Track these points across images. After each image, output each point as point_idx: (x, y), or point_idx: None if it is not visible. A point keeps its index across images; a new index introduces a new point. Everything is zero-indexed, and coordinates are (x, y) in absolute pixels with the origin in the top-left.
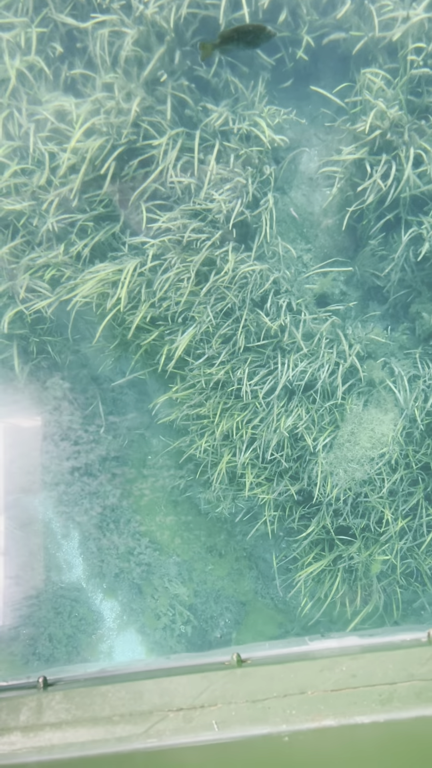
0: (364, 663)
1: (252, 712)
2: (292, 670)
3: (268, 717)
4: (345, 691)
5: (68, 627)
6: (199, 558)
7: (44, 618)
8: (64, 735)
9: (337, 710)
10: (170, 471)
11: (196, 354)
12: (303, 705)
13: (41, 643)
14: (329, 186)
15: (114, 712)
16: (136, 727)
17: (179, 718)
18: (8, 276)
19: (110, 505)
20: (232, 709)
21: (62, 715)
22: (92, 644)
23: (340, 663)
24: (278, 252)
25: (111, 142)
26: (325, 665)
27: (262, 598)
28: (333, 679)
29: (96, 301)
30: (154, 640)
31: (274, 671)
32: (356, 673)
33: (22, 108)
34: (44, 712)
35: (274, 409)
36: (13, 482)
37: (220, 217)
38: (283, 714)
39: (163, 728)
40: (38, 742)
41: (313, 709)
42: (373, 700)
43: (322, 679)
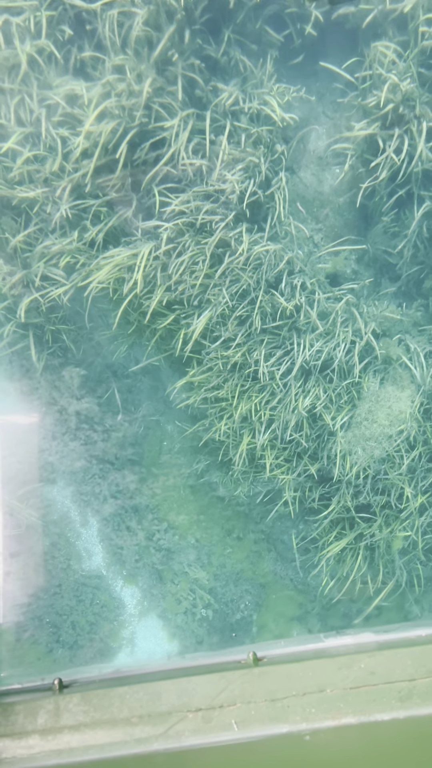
0: (382, 660)
1: (271, 711)
2: (310, 668)
3: (287, 716)
4: (364, 689)
5: (90, 614)
6: (218, 542)
7: (66, 606)
8: (83, 737)
9: (357, 708)
10: (187, 456)
11: (212, 337)
12: (322, 703)
13: (64, 630)
14: (339, 164)
15: (132, 713)
16: (155, 728)
17: (198, 719)
18: (23, 265)
19: (128, 492)
20: (252, 709)
21: (80, 718)
22: (114, 630)
23: (358, 660)
24: (291, 232)
25: (123, 125)
26: (344, 663)
27: (282, 580)
28: (352, 676)
29: (112, 286)
30: (176, 624)
31: (292, 670)
32: (375, 671)
33: (33, 93)
34: (62, 714)
35: (291, 390)
36: (32, 472)
37: (233, 198)
38: (302, 712)
39: (182, 729)
40: (57, 745)
41: (333, 707)
42: (392, 696)
43: (340, 676)
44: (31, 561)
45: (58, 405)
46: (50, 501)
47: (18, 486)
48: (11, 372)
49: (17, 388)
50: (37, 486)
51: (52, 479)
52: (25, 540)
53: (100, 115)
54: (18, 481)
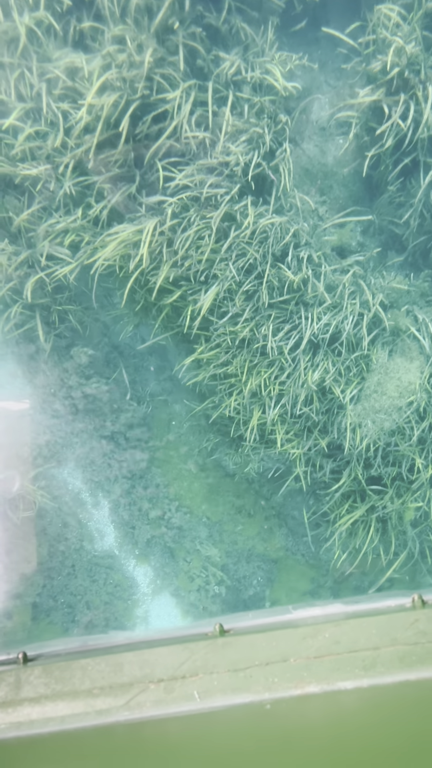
0: (347, 629)
1: (234, 681)
2: (275, 639)
3: (250, 685)
4: (328, 658)
5: (104, 594)
6: (229, 519)
7: (81, 586)
8: (43, 709)
9: (320, 677)
10: (196, 435)
11: (219, 313)
12: (285, 673)
13: (79, 610)
14: (342, 134)
15: (94, 685)
16: (116, 700)
17: (160, 690)
18: (27, 244)
19: (138, 472)
20: (214, 679)
21: (41, 690)
22: (128, 609)
23: (323, 630)
24: (296, 204)
25: (125, 97)
26: (308, 633)
27: (293, 555)
28: (316, 646)
29: (118, 263)
30: (189, 601)
31: (256, 640)
32: (339, 640)
33: (32, 67)
34: (23, 687)
35: (300, 364)
36: (42, 454)
37: (237, 170)
38: (265, 682)
39: (144, 700)
40: (17, 718)
41: (296, 676)
42: (356, 665)
43: (304, 646)
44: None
45: (67, 386)
46: (61, 482)
47: (29, 468)
48: (19, 354)
49: (25, 370)
50: (47, 468)
51: (62, 461)
52: (38, 522)
53: (102, 88)
54: (28, 463)
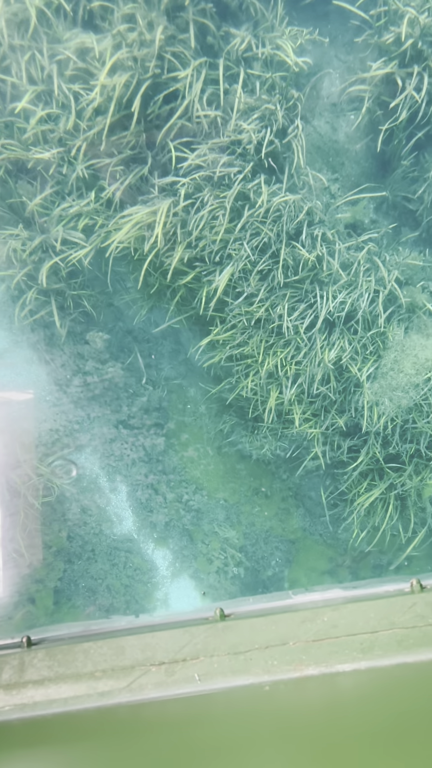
0: (345, 613)
1: (234, 664)
2: (274, 622)
3: (249, 668)
4: (326, 641)
5: (124, 577)
6: (246, 501)
7: (101, 570)
8: (47, 692)
9: (319, 660)
10: (212, 417)
11: (234, 293)
12: (285, 656)
13: (100, 594)
14: (354, 110)
15: (96, 667)
16: (118, 682)
17: (161, 672)
18: (41, 229)
19: (155, 456)
20: (214, 662)
21: (44, 672)
22: (148, 592)
23: (322, 614)
24: (309, 182)
25: (136, 77)
26: (307, 617)
27: (311, 535)
28: (314, 629)
29: (133, 245)
30: (209, 583)
31: (255, 624)
32: (337, 623)
33: (43, 49)
34: (26, 669)
35: (316, 343)
36: (60, 439)
37: (250, 148)
38: (264, 665)
39: (145, 682)
40: (21, 700)
41: (295, 659)
42: (354, 648)
43: (303, 630)
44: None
45: (83, 371)
46: (79, 467)
47: (46, 453)
48: (34, 341)
49: (41, 356)
50: (65, 453)
51: (79, 446)
52: (57, 507)
53: (113, 68)
54: (45, 449)
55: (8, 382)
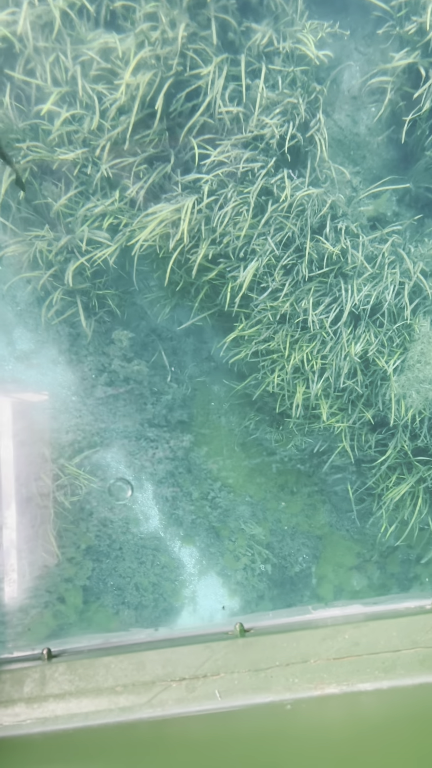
0: (366, 631)
1: (255, 681)
2: (295, 639)
3: (270, 686)
4: (348, 659)
5: (152, 575)
6: (272, 497)
7: (129, 568)
8: (68, 706)
9: (340, 678)
10: (236, 415)
11: (259, 289)
12: (305, 673)
13: (128, 592)
14: (375, 102)
15: (117, 682)
16: (139, 697)
17: (182, 688)
18: (66, 230)
19: (180, 453)
20: (235, 679)
21: (65, 686)
22: (176, 590)
23: (343, 631)
24: (331, 175)
25: (159, 75)
26: (328, 634)
27: (338, 531)
28: (336, 647)
29: (158, 243)
30: (236, 581)
31: (276, 640)
32: (359, 641)
33: (66, 50)
34: (48, 683)
35: (342, 337)
36: (86, 438)
37: (273, 143)
38: (285, 682)
39: (166, 698)
40: (42, 713)
41: (316, 677)
42: (376, 667)
43: (324, 647)
44: (92, 526)
45: (108, 370)
46: (105, 466)
47: (73, 453)
48: (60, 341)
49: (66, 356)
50: (92, 452)
51: (106, 445)
52: (85, 506)
53: (136, 67)
54: (73, 448)
55: (34, 382)
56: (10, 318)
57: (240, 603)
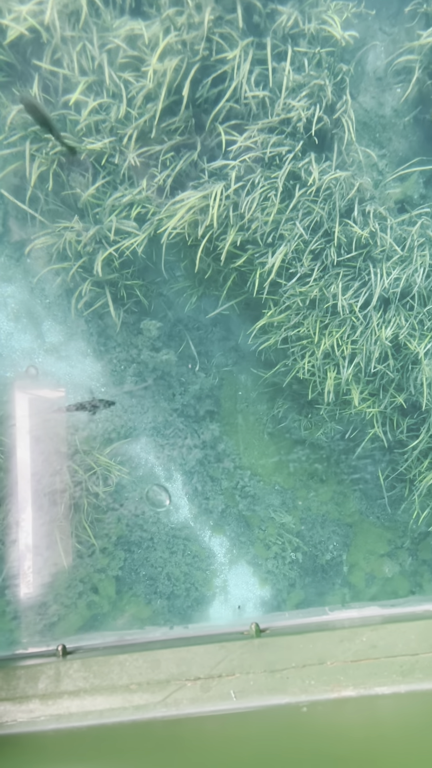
0: (384, 634)
1: (270, 682)
2: (311, 641)
3: (286, 687)
4: (365, 662)
5: (183, 565)
6: (302, 485)
7: (160, 558)
8: (82, 703)
9: (357, 681)
10: (264, 403)
11: (288, 274)
12: (322, 675)
13: (161, 582)
14: (400, 83)
15: (131, 680)
16: (153, 696)
17: (197, 688)
18: (94, 220)
19: (209, 443)
20: (250, 679)
21: (80, 683)
22: (207, 579)
23: (360, 634)
24: (358, 158)
25: (186, 60)
26: (345, 636)
27: (368, 518)
28: (353, 649)
29: (187, 230)
30: (267, 569)
31: (292, 641)
32: (377, 644)
33: (93, 39)
34: (62, 680)
35: (372, 321)
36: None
37: (300, 126)
38: (301, 684)
39: (180, 697)
40: (57, 710)
41: (333, 679)
42: (394, 671)
43: (341, 649)
44: (123, 517)
45: (137, 360)
46: (135, 457)
47: (104, 444)
48: (88, 333)
49: (95, 348)
50: (122, 443)
51: (135, 436)
52: (116, 496)
53: (162, 53)
54: (102, 439)
55: (64, 374)
56: (39, 311)
57: (271, 591)
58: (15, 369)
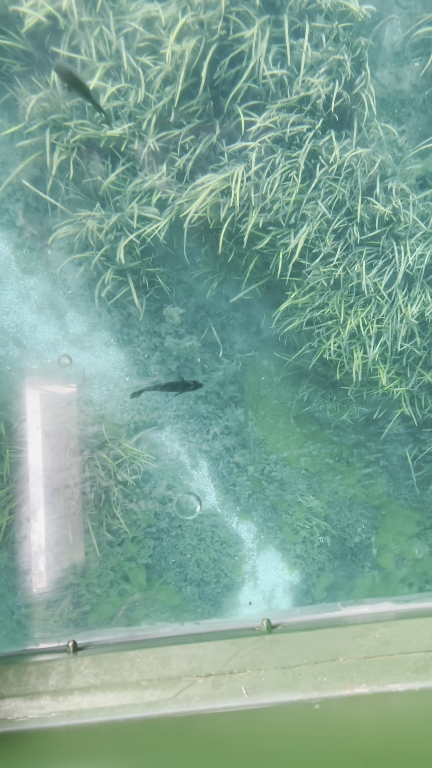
0: (398, 630)
1: (282, 679)
2: (323, 637)
3: (298, 684)
4: (378, 659)
5: (212, 551)
6: (328, 469)
7: (189, 545)
8: (93, 699)
9: (370, 678)
10: (288, 388)
11: (311, 255)
12: (334, 672)
13: (190, 569)
14: (418, 56)
15: (142, 677)
16: (164, 693)
17: (208, 684)
18: (115, 208)
19: (234, 429)
20: (262, 676)
21: (91, 680)
22: (236, 565)
23: (373, 630)
24: (378, 134)
25: (203, 41)
26: (358, 632)
27: (396, 500)
28: (366, 646)
29: (209, 214)
30: (296, 554)
31: (304, 638)
32: (390, 641)
33: (110, 23)
34: (73, 676)
35: (397, 299)
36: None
37: (319, 103)
38: (314, 681)
39: (191, 694)
40: (67, 707)
41: (345, 676)
42: (408, 668)
43: (354, 646)
44: (151, 505)
45: (161, 348)
46: (160, 446)
47: (129, 433)
48: (111, 323)
49: (118, 338)
50: (147, 432)
51: (160, 424)
52: (144, 485)
53: (180, 34)
54: (128, 428)
55: (88, 365)
56: (62, 302)
57: (300, 576)
58: (41, 361)
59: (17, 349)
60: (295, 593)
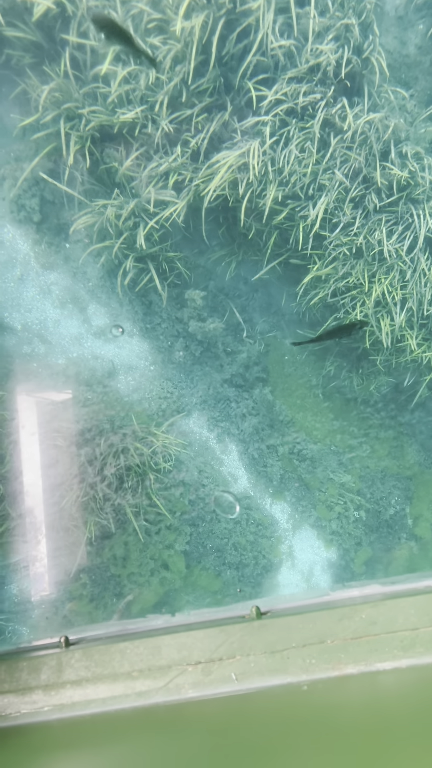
0: (384, 610)
1: (271, 663)
2: (311, 620)
3: (287, 667)
4: (365, 639)
5: (249, 534)
6: (357, 444)
7: (225, 529)
8: (85, 692)
9: (358, 658)
10: (312, 365)
11: (330, 225)
12: (323, 654)
13: (228, 552)
14: (422, 18)
15: (133, 667)
16: (155, 682)
17: (198, 672)
18: (131, 194)
19: (262, 411)
20: (251, 661)
21: (82, 673)
22: (273, 546)
23: (360, 611)
24: (389, 99)
25: (211, 16)
26: (345, 614)
27: (429, 468)
28: (353, 627)
29: (228, 191)
30: (331, 530)
31: (291, 622)
32: (376, 621)
33: (116, 5)
34: (64, 670)
35: (420, 263)
36: (169, 405)
37: (329, 71)
38: (302, 664)
39: (182, 682)
40: (59, 700)
41: (333, 657)
42: (394, 646)
43: (341, 627)
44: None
45: (182, 335)
46: (189, 431)
47: (160, 419)
48: (133, 312)
49: (141, 327)
50: (176, 418)
51: (188, 410)
52: (176, 473)
53: (187, 10)
54: (158, 416)
55: (113, 356)
56: (83, 295)
57: (338, 552)
58: (66, 355)
59: (42, 346)
60: (334, 569)
